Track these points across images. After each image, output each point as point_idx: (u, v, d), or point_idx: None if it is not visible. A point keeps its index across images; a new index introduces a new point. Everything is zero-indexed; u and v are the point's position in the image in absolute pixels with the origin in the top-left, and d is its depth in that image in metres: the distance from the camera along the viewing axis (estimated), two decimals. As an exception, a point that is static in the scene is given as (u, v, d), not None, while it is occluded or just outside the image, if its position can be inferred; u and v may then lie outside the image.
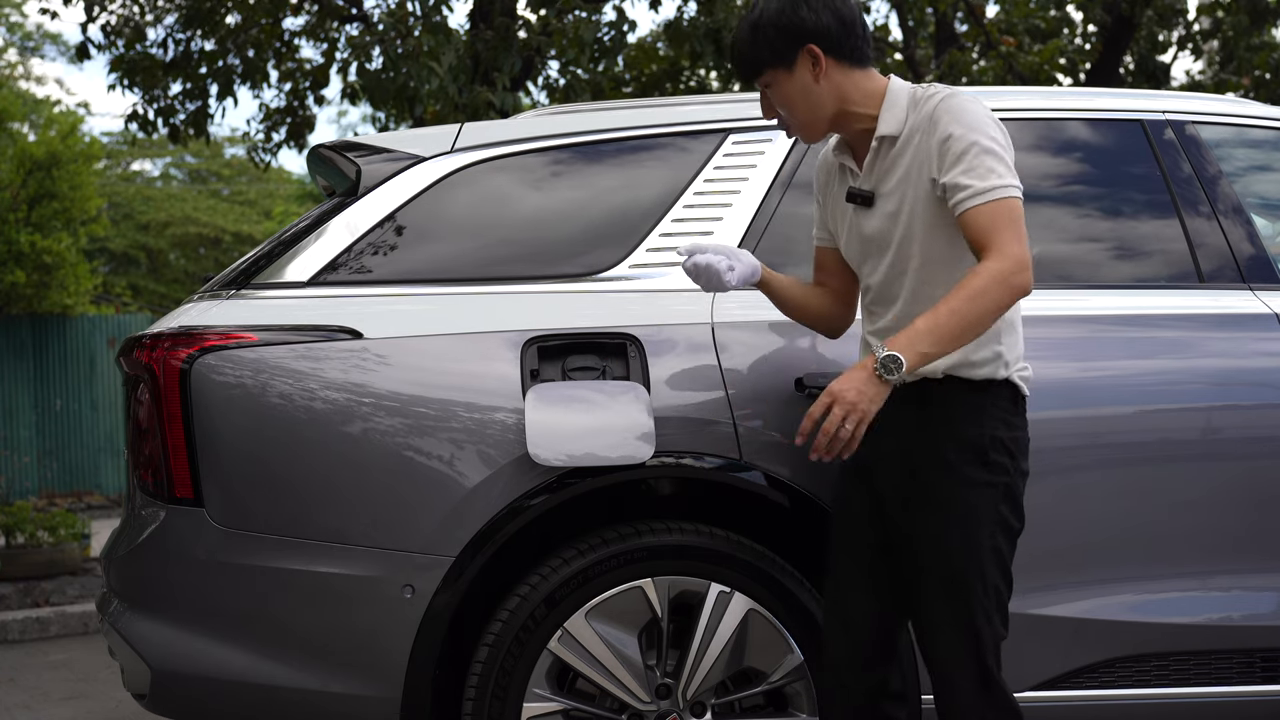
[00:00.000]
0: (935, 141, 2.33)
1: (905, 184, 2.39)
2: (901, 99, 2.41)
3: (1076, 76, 11.85)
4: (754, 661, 2.71)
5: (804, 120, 2.45)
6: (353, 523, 2.61)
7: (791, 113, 2.45)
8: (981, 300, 2.22)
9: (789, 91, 2.43)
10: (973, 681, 2.35)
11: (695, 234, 2.85)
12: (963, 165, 2.29)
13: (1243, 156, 3.19)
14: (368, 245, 2.82)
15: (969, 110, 2.33)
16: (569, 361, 2.69)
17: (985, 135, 2.30)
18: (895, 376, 2.20)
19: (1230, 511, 2.84)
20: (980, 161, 2.28)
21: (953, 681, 2.37)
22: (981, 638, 2.35)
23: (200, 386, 2.62)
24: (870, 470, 2.47)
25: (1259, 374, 2.93)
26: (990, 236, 2.25)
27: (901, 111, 2.39)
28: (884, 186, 2.42)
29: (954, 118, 2.32)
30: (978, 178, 2.27)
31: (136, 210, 22.33)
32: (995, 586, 2.37)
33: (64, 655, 5.87)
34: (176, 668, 2.65)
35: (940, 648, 2.38)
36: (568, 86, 8.44)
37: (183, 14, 8.85)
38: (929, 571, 2.37)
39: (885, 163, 2.42)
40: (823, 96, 2.42)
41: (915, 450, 2.40)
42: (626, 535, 2.67)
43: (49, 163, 12.71)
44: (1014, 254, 2.24)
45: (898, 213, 2.40)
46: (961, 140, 2.30)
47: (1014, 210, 2.28)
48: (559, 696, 2.66)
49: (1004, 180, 2.28)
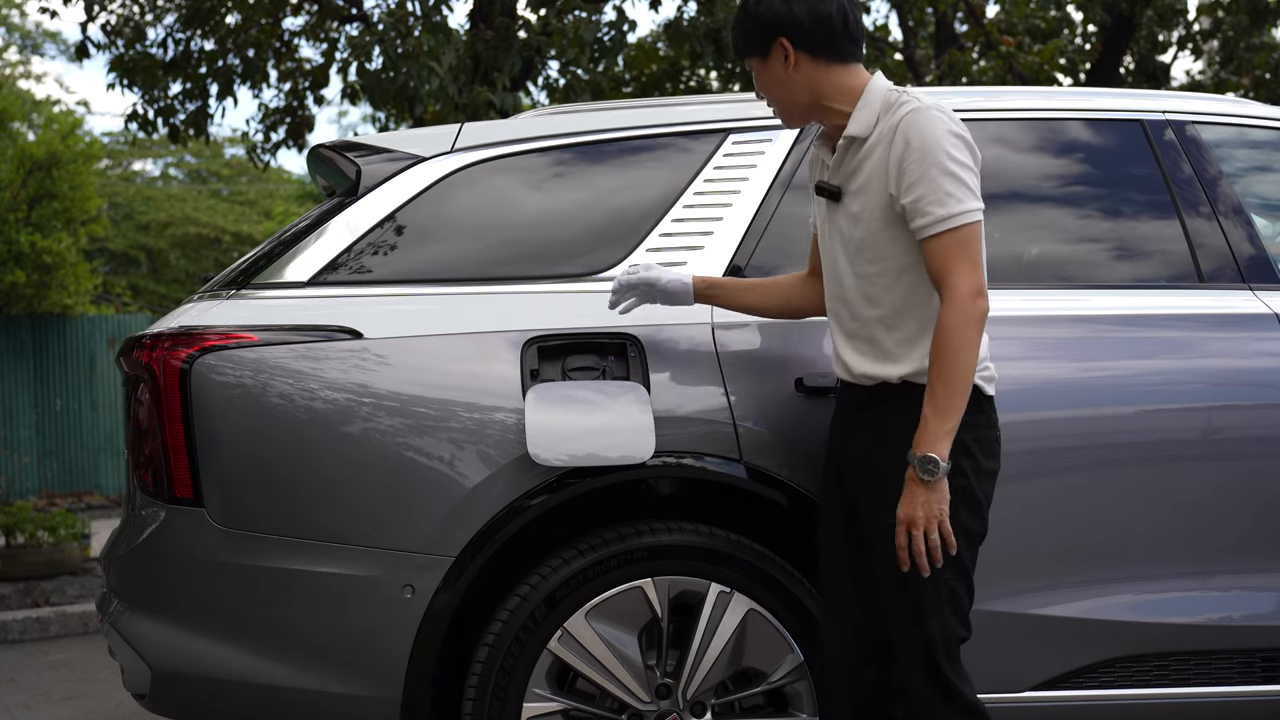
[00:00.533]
0: (896, 156, 2.34)
1: (866, 189, 2.41)
2: (876, 100, 2.41)
3: (1076, 76, 11.85)
4: (754, 661, 2.71)
5: (780, 108, 2.54)
6: (353, 523, 2.61)
7: (769, 98, 2.53)
8: (957, 355, 2.28)
9: (764, 79, 2.50)
10: (924, 681, 2.38)
11: (695, 234, 2.85)
12: (919, 190, 2.31)
13: (1243, 156, 3.19)
14: (368, 245, 2.82)
15: (931, 129, 2.32)
16: (569, 361, 2.69)
17: (944, 155, 2.31)
18: (940, 471, 2.27)
19: (1230, 511, 2.84)
20: (936, 186, 2.30)
21: (906, 680, 2.40)
22: (931, 637, 2.37)
23: (200, 386, 2.62)
24: (843, 472, 2.52)
25: (1259, 374, 2.93)
26: (943, 273, 2.31)
27: (873, 113, 2.41)
28: (850, 185, 2.45)
29: (915, 135, 2.32)
30: (935, 204, 2.30)
31: (136, 210, 22.33)
32: (948, 586, 2.38)
33: (64, 655, 5.87)
34: (176, 668, 2.65)
35: (896, 646, 2.42)
36: (568, 86, 8.43)
37: (183, 14, 8.85)
38: (884, 572, 2.41)
39: (852, 163, 2.44)
40: (795, 88, 2.46)
41: (873, 453, 2.44)
42: (626, 535, 2.67)
43: (49, 163, 12.71)
44: (964, 292, 2.28)
45: (859, 215, 2.43)
46: (919, 164, 2.31)
47: (966, 238, 2.31)
48: (559, 696, 2.66)
49: (960, 205, 2.30)
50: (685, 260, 2.82)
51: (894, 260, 2.41)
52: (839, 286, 2.51)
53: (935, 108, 2.36)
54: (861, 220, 2.42)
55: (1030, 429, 2.78)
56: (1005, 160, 3.05)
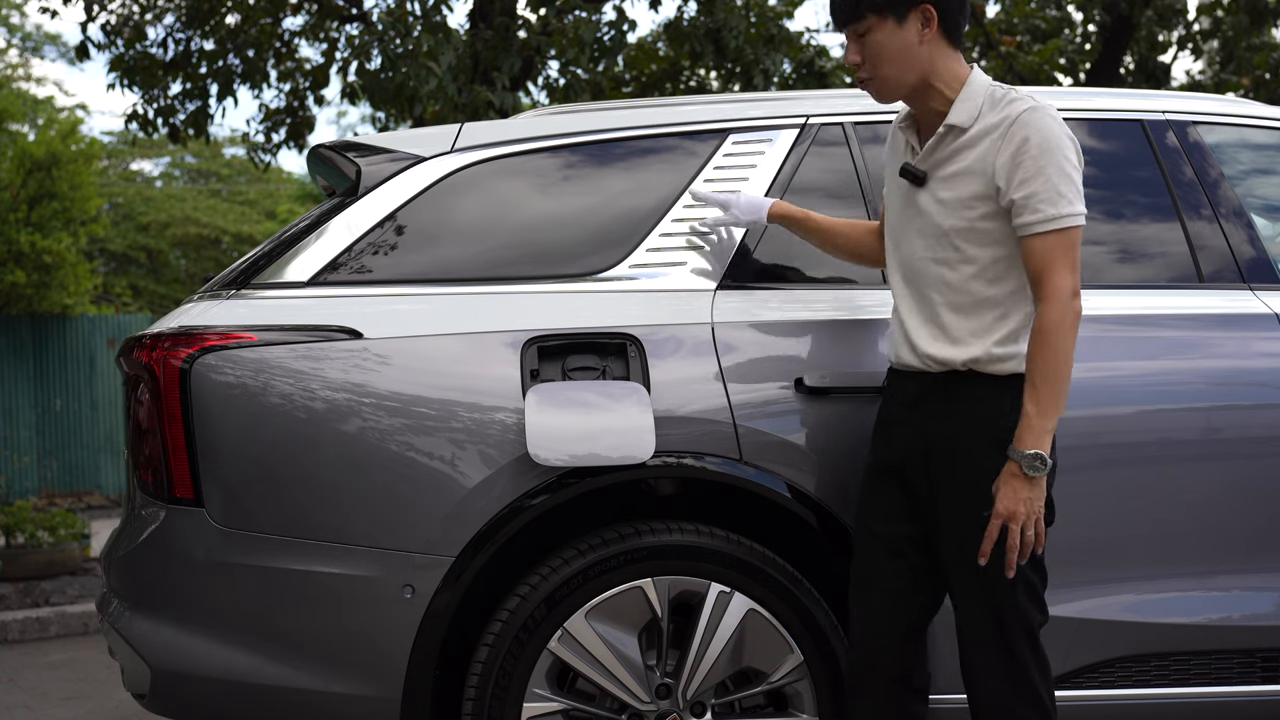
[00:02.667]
0: (1010, 151, 2.35)
1: (962, 179, 2.41)
2: (979, 93, 2.42)
3: (1076, 76, 11.84)
4: (754, 661, 2.71)
5: (888, 77, 2.45)
6: (353, 523, 2.61)
7: (880, 66, 2.44)
8: (1059, 352, 2.31)
9: (889, 44, 2.42)
10: (999, 670, 2.41)
11: (695, 233, 2.85)
12: (1033, 186, 2.32)
13: (1243, 157, 3.19)
14: (368, 245, 2.82)
15: (1051, 128, 2.35)
16: (569, 361, 2.69)
17: (1061, 156, 2.33)
18: (1045, 468, 2.31)
19: (1231, 511, 2.84)
20: (1051, 185, 2.32)
21: (979, 669, 2.43)
22: (1007, 625, 2.40)
23: (200, 386, 2.62)
24: (900, 468, 2.51)
25: (1259, 374, 2.93)
26: (1044, 271, 2.33)
27: (975, 105, 2.41)
28: (939, 172, 2.44)
29: (1035, 133, 2.33)
30: (1046, 203, 2.32)
31: (136, 210, 22.33)
32: (1023, 575, 2.40)
33: (64, 655, 5.87)
34: (176, 668, 2.65)
35: (970, 636, 2.45)
36: (568, 86, 8.43)
37: (182, 14, 8.85)
38: (957, 564, 2.43)
39: (946, 150, 2.44)
40: (918, 60, 2.43)
41: (942, 444, 2.44)
42: (626, 535, 2.67)
43: (49, 163, 12.71)
44: (1064, 291, 2.32)
45: (949, 203, 2.42)
46: (1037, 160, 2.32)
47: (1072, 240, 2.34)
48: (559, 696, 2.66)
49: (1070, 208, 2.33)
50: (685, 260, 2.82)
51: (981, 250, 2.41)
52: (911, 269, 2.50)
53: (1050, 108, 2.38)
54: (950, 207, 2.42)
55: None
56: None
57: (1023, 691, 2.41)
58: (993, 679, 2.42)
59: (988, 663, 2.43)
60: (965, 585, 2.44)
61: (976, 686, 2.46)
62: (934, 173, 2.45)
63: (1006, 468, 2.33)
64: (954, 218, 2.42)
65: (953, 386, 2.44)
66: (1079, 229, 2.35)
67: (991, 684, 2.42)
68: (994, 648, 2.42)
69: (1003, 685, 2.41)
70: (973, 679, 2.47)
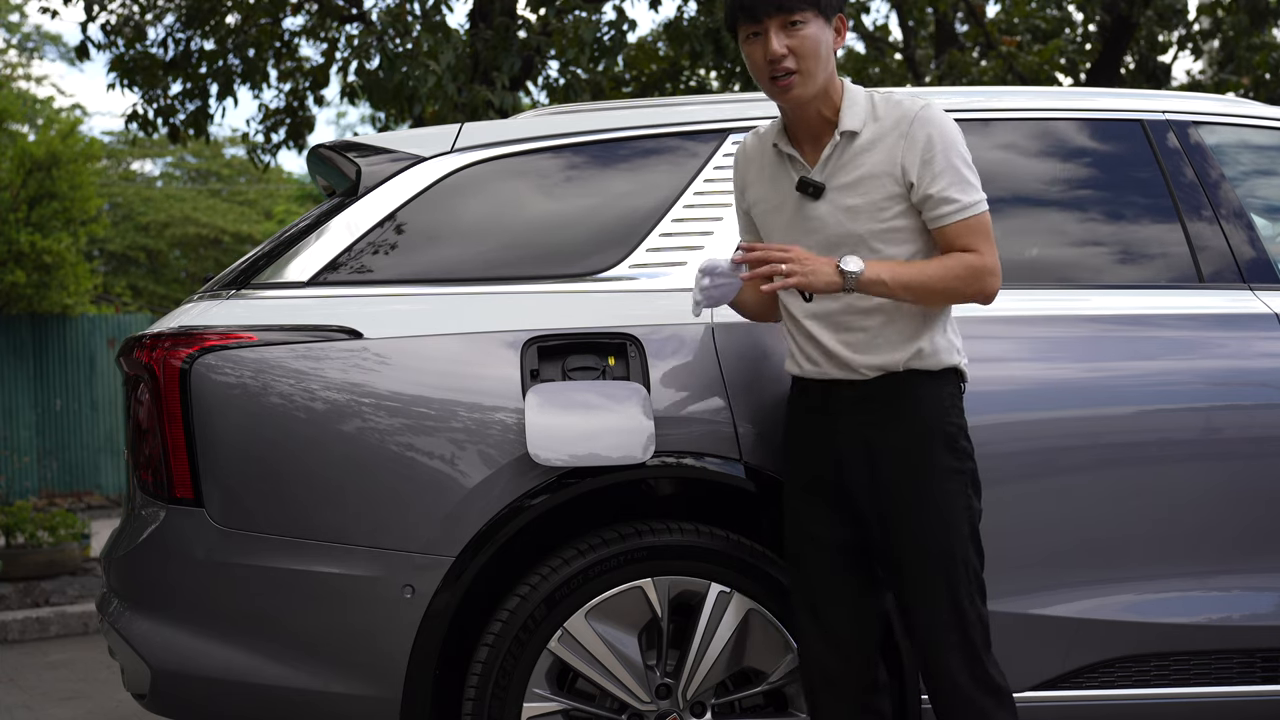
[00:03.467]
0: (918, 149, 2.40)
1: (870, 181, 2.43)
2: (861, 98, 2.48)
3: (1076, 76, 11.84)
4: (754, 661, 2.71)
5: (813, 72, 2.42)
6: (353, 523, 2.61)
7: (807, 60, 2.41)
8: (953, 279, 2.40)
9: (820, 40, 2.43)
10: (962, 664, 2.42)
11: (695, 234, 2.85)
12: (947, 178, 2.40)
13: (1243, 157, 3.19)
14: (368, 245, 2.82)
15: (947, 124, 2.44)
16: (569, 361, 2.69)
17: (962, 148, 2.44)
18: (851, 277, 2.33)
19: (1231, 511, 2.84)
20: (961, 176, 2.42)
21: (942, 665, 2.43)
22: (967, 619, 2.42)
23: (200, 386, 2.62)
24: (825, 480, 2.50)
25: (1259, 374, 2.93)
26: (975, 245, 2.42)
27: (862, 110, 2.46)
28: (837, 180, 2.45)
29: (936, 129, 2.42)
30: (961, 191, 2.41)
31: (136, 211, 22.33)
32: (974, 569, 2.45)
33: (64, 655, 5.87)
34: (176, 668, 2.65)
35: (929, 634, 2.44)
36: (568, 86, 8.43)
37: (183, 13, 8.85)
38: (912, 563, 2.44)
39: (844, 158, 2.45)
40: (830, 63, 2.47)
41: (886, 445, 2.44)
42: (626, 535, 2.67)
43: (49, 163, 12.71)
44: (994, 260, 2.43)
45: (859, 209, 2.43)
46: (946, 154, 2.41)
47: (986, 223, 2.44)
48: (559, 696, 2.66)
49: (979, 195, 2.44)
50: (685, 260, 2.82)
51: (898, 250, 2.43)
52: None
53: (938, 104, 2.46)
54: (863, 212, 2.43)
55: (1030, 429, 2.78)
56: (1005, 160, 3.05)
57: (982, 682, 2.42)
58: (960, 674, 2.42)
59: (952, 658, 2.42)
60: (921, 584, 2.43)
61: (944, 682, 2.44)
62: (831, 182, 2.46)
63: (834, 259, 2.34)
64: (869, 222, 2.43)
65: (893, 387, 2.44)
66: (988, 213, 2.44)
67: (960, 679, 2.42)
68: (957, 643, 2.42)
69: (969, 681, 2.42)
70: (939, 675, 2.45)
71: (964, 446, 2.46)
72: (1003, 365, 2.82)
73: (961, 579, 2.42)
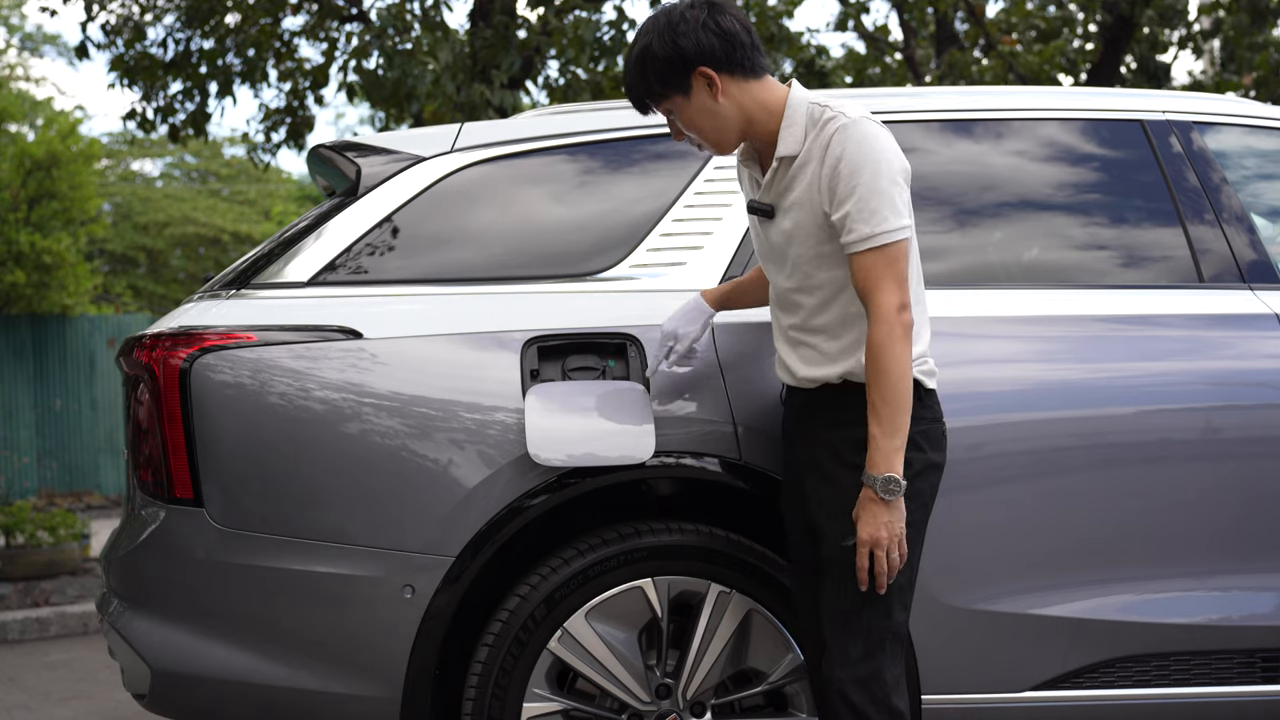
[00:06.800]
0: (828, 173, 2.34)
1: (799, 206, 2.41)
2: (800, 116, 2.40)
3: (1076, 76, 11.84)
4: (754, 661, 2.71)
5: (713, 139, 2.46)
6: (352, 523, 2.61)
7: (699, 133, 2.46)
8: (892, 371, 2.28)
9: (691, 115, 2.43)
10: (847, 674, 2.38)
11: (695, 234, 2.85)
12: (847, 206, 2.31)
13: (1244, 157, 3.19)
14: (367, 245, 2.82)
15: (862, 144, 2.31)
16: (569, 361, 2.69)
17: (872, 172, 2.30)
18: (900, 489, 2.28)
19: (1230, 511, 2.84)
20: (863, 204, 2.30)
21: (830, 670, 2.40)
22: (852, 629, 2.38)
23: (200, 386, 2.62)
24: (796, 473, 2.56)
25: (1259, 374, 2.92)
26: (868, 290, 2.31)
27: (800, 130, 2.40)
28: (783, 202, 2.45)
29: (846, 151, 2.31)
30: (861, 222, 2.30)
31: (136, 211, 22.33)
32: (896, 585, 2.38)
33: (64, 655, 5.87)
34: (176, 668, 2.65)
35: (825, 635, 2.43)
36: (567, 86, 8.43)
37: (182, 13, 8.85)
38: (822, 565, 2.44)
39: (784, 181, 2.44)
40: (725, 113, 2.42)
41: (816, 450, 2.47)
42: (626, 535, 2.67)
43: (49, 163, 12.72)
44: (888, 310, 2.28)
45: (792, 232, 2.43)
46: (850, 179, 2.31)
47: (892, 256, 2.30)
48: (559, 696, 2.66)
49: (885, 225, 2.29)
50: (685, 260, 2.82)
51: (832, 274, 2.41)
52: (778, 298, 2.54)
53: (864, 119, 2.34)
54: (795, 237, 2.43)
55: (1030, 429, 2.78)
56: (1005, 161, 3.05)
57: (875, 695, 2.38)
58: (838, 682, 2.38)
59: (833, 663, 2.39)
60: (820, 584, 2.45)
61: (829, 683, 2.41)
62: (778, 203, 2.46)
63: (863, 493, 2.31)
64: (801, 246, 2.42)
65: (828, 398, 2.45)
66: (900, 244, 2.30)
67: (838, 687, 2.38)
68: (837, 648, 2.39)
69: (856, 689, 2.37)
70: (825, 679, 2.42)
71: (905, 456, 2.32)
72: (1002, 365, 2.82)
73: (854, 590, 2.35)
